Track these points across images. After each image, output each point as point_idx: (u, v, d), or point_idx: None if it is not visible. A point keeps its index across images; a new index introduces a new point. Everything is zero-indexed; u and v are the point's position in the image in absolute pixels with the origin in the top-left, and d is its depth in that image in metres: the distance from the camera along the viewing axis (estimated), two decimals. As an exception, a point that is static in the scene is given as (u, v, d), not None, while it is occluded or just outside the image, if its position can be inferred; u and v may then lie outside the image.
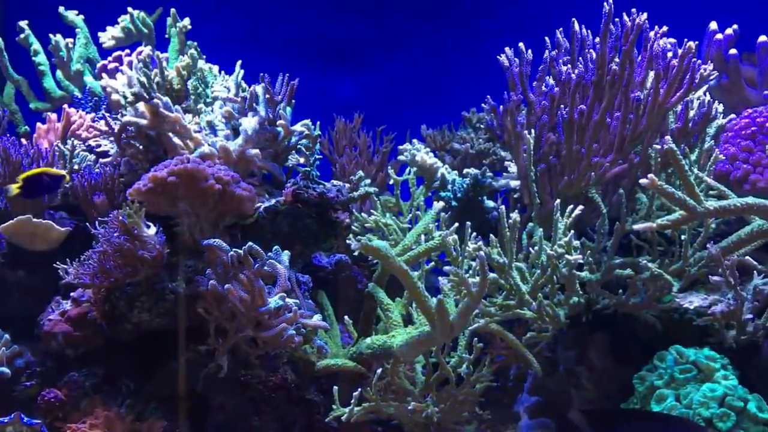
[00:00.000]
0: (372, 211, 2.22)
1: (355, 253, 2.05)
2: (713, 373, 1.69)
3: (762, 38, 2.55)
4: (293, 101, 2.14)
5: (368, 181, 2.33)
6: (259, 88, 2.06)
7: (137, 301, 1.71)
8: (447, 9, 5.39)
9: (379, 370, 1.72)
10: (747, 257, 1.78)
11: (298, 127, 2.13)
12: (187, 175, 1.70)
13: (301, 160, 2.15)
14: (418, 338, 1.58)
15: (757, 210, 1.59)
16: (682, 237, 1.86)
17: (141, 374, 1.82)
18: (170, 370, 1.79)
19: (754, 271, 1.78)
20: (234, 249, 1.65)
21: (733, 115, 2.17)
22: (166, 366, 1.80)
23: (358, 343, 1.84)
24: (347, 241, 2.06)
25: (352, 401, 1.68)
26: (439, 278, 1.75)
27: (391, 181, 2.43)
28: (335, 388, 1.71)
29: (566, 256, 1.75)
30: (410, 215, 2.32)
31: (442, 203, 2.02)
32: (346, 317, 1.92)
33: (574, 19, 2.05)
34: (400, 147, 2.64)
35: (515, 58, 2.11)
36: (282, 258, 1.72)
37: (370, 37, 5.71)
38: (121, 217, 1.66)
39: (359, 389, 1.69)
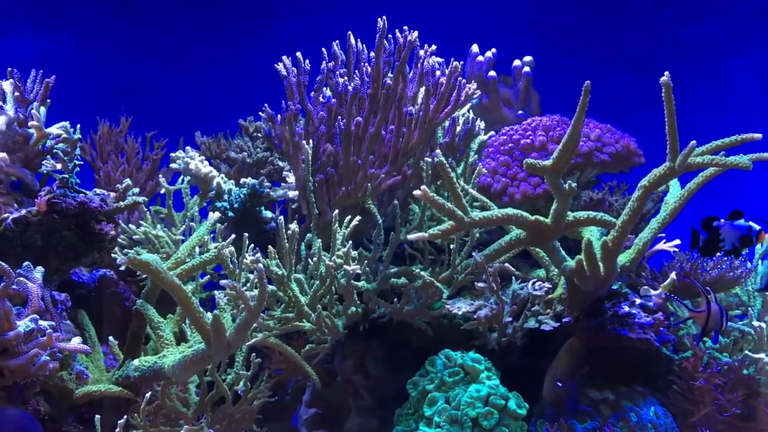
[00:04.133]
0: (141, 222, 2.08)
1: (122, 268, 1.92)
2: (478, 375, 1.79)
3: (516, 62, 2.80)
4: (48, 101, 1.93)
5: (137, 190, 2.17)
6: (6, 85, 1.82)
7: None
8: (227, 15, 5.30)
9: (149, 394, 1.60)
10: (506, 264, 1.93)
11: (54, 129, 1.92)
12: None
13: (58, 166, 1.94)
14: (193, 357, 1.49)
15: (515, 220, 1.73)
16: (451, 246, 1.96)
17: None
18: None
19: (513, 277, 1.93)
20: (-27, 266, 1.44)
21: (492, 132, 2.35)
22: None
23: (124, 365, 1.70)
24: (113, 255, 1.89)
25: (117, 429, 1.54)
26: (215, 292, 1.68)
27: (163, 191, 2.29)
28: (97, 417, 1.56)
29: (345, 266, 1.76)
30: (184, 227, 2.21)
31: (217, 214, 1.95)
32: (111, 338, 1.77)
33: (350, 32, 2.08)
34: (173, 154, 2.51)
35: (293, 68, 2.10)
36: (34, 275, 1.53)
37: (149, 38, 5.44)
38: None
39: (125, 416, 1.56)
